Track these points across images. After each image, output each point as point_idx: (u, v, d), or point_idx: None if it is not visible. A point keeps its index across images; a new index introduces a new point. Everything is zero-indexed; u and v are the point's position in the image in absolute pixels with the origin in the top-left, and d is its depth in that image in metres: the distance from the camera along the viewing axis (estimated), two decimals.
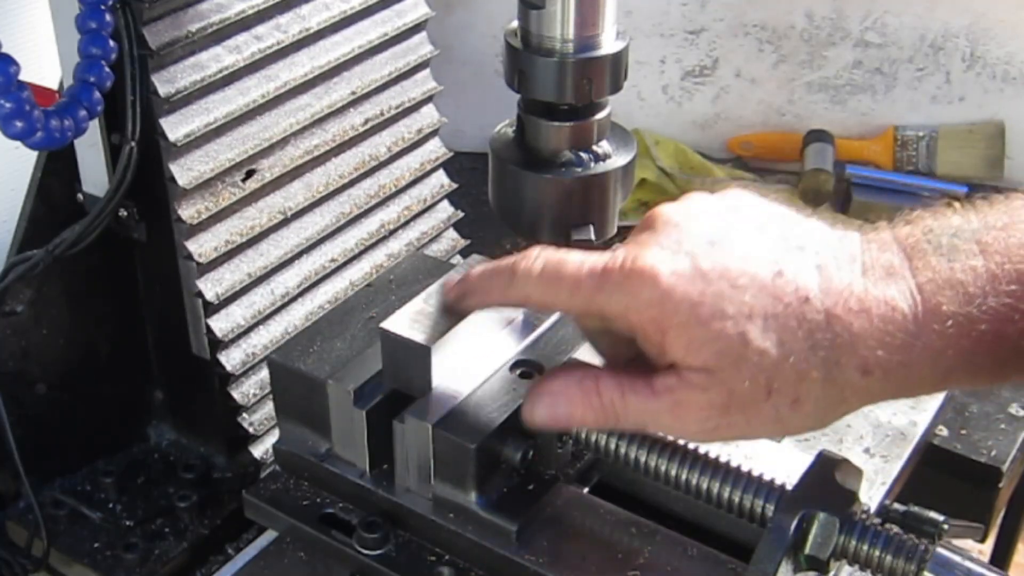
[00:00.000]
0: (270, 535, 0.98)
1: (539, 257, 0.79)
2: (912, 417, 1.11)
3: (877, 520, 0.79)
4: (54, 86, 1.09)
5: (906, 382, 0.74)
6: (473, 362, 0.92)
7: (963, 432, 1.24)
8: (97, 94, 0.98)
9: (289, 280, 1.17)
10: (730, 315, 0.73)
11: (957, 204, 0.76)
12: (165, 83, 1.02)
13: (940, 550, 0.82)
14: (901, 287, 0.73)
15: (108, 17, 0.96)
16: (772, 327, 0.73)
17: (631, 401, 0.77)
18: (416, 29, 1.26)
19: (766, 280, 0.74)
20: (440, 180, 1.34)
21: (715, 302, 0.73)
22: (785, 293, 0.73)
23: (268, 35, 1.10)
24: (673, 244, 0.76)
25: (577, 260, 0.78)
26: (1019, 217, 0.74)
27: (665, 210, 0.79)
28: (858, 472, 0.83)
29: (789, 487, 0.82)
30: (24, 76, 0.92)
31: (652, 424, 0.79)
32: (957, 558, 0.83)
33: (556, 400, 0.80)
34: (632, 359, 0.79)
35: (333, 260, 1.21)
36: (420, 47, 1.26)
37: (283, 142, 1.13)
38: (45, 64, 1.09)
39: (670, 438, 0.86)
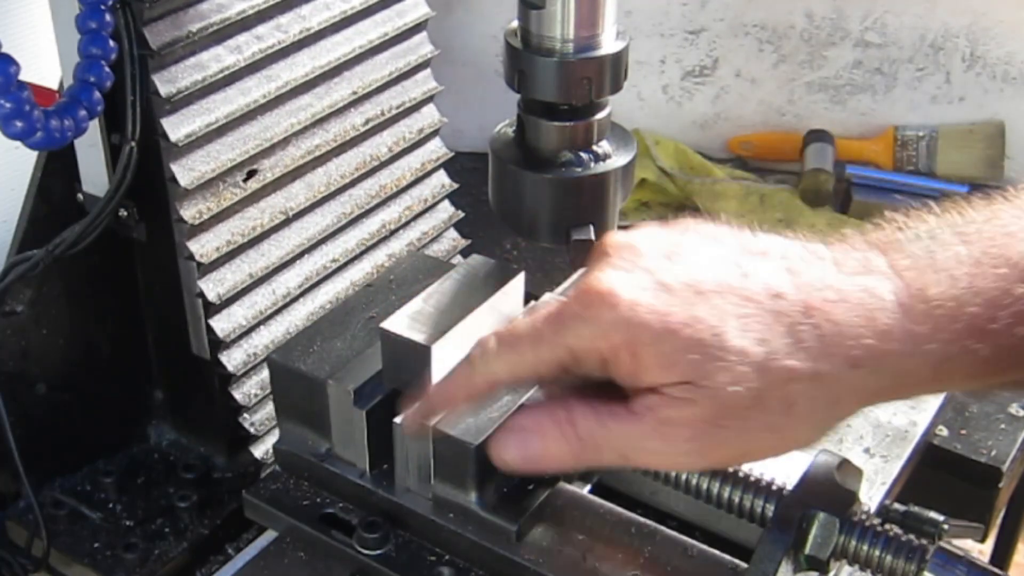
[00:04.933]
0: (270, 535, 0.98)
1: (489, 336, 0.76)
2: (912, 417, 1.11)
3: (877, 520, 0.79)
4: (54, 86, 1.09)
5: (900, 377, 0.69)
6: None
7: (963, 432, 1.24)
8: (97, 94, 0.98)
9: (290, 280, 1.17)
10: (702, 319, 0.68)
11: (933, 205, 0.73)
12: (166, 83, 1.02)
13: (940, 550, 0.82)
14: (879, 277, 0.69)
15: (108, 17, 0.96)
16: (749, 327, 0.68)
17: (612, 428, 0.72)
18: (416, 29, 1.26)
19: (733, 283, 0.69)
20: (441, 180, 1.34)
21: (683, 310, 0.69)
22: (755, 292, 0.69)
23: (269, 35, 1.10)
24: (627, 264, 0.72)
25: (528, 318, 0.75)
26: (1000, 211, 0.71)
27: (612, 237, 0.75)
28: (858, 472, 0.83)
29: (789, 487, 0.82)
30: (24, 76, 0.92)
31: (636, 452, 0.72)
32: (957, 558, 0.83)
33: (527, 437, 0.76)
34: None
35: (334, 260, 1.21)
36: (421, 47, 1.26)
37: (284, 142, 1.13)
38: (45, 64, 1.09)
39: None
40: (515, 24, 0.91)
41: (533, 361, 0.74)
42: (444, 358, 0.89)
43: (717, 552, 0.88)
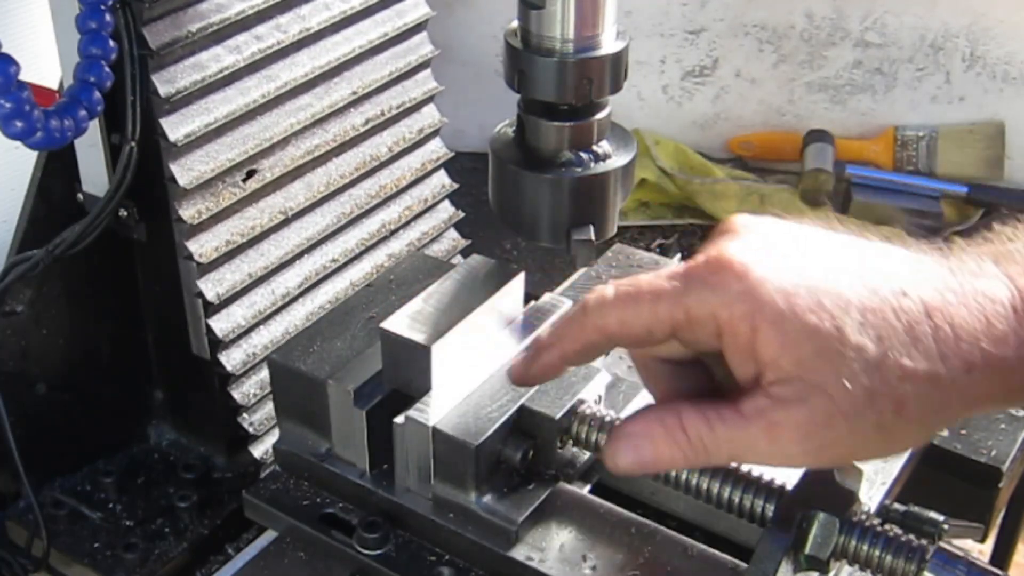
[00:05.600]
0: (270, 535, 0.98)
1: (607, 285, 0.75)
2: None
3: (877, 520, 0.79)
4: (54, 86, 1.09)
5: (1008, 382, 0.69)
6: (473, 362, 0.92)
7: (963, 432, 1.23)
8: (97, 94, 0.98)
9: (290, 280, 1.17)
10: (826, 307, 0.68)
11: None
12: (165, 83, 1.02)
13: (940, 550, 0.82)
14: (993, 281, 0.69)
15: (108, 17, 0.97)
16: (870, 321, 0.68)
17: (720, 432, 0.71)
18: (417, 29, 1.26)
19: (860, 272, 0.70)
20: (441, 180, 1.34)
21: (809, 294, 0.68)
22: (880, 285, 0.69)
23: (268, 35, 1.10)
24: (757, 242, 0.72)
25: (651, 274, 0.74)
26: None
27: (741, 218, 0.75)
28: (858, 472, 0.83)
29: (789, 487, 0.82)
30: (24, 76, 0.92)
31: (748, 454, 0.72)
32: (957, 558, 0.83)
33: (639, 443, 0.75)
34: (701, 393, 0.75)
35: (334, 260, 1.21)
36: (421, 47, 1.26)
37: (284, 142, 1.13)
38: (45, 64, 1.09)
39: None
40: (515, 24, 0.91)
41: (649, 317, 0.73)
42: (444, 358, 0.89)
43: (717, 552, 0.88)
